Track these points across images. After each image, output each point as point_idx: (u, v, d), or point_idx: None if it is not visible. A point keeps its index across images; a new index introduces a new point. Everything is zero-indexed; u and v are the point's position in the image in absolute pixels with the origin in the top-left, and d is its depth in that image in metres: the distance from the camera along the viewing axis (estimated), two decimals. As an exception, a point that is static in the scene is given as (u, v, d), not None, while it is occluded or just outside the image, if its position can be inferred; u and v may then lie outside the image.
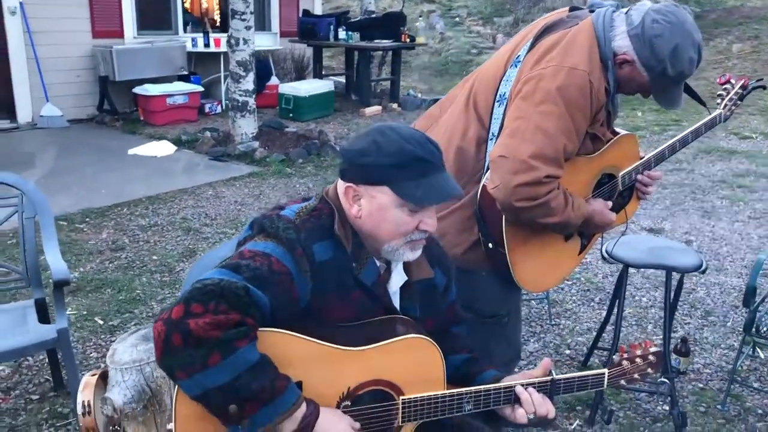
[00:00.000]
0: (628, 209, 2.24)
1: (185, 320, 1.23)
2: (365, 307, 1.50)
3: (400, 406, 1.46)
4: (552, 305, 3.77)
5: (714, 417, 2.82)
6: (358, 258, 1.49)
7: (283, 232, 1.42)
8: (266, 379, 1.27)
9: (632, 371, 1.65)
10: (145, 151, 6.88)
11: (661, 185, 6.13)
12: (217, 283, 1.29)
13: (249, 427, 1.27)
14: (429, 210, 1.50)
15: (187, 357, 1.23)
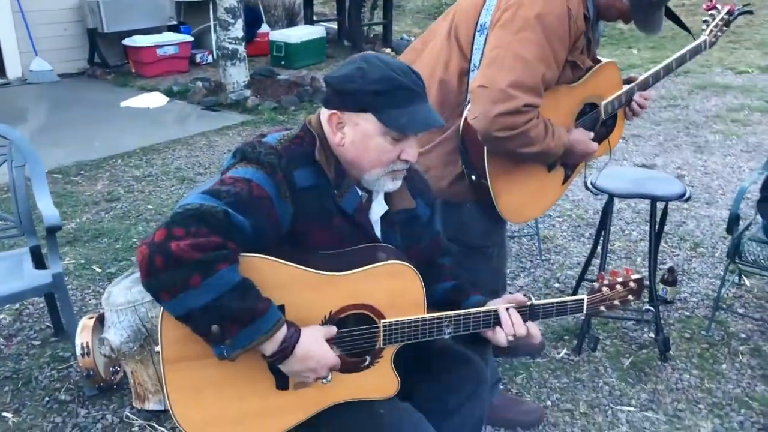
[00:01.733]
0: (611, 139, 2.25)
1: (167, 243, 1.27)
2: (346, 234, 1.54)
3: (381, 329, 1.51)
4: (543, 241, 3.82)
5: (698, 342, 2.90)
6: (339, 186, 1.52)
7: (264, 157, 1.44)
8: (247, 301, 1.31)
9: (612, 298, 1.69)
10: (138, 102, 6.84)
11: (654, 122, 6.13)
12: (197, 208, 1.32)
13: (231, 347, 1.32)
14: (411, 140, 1.52)
15: (169, 278, 1.27)
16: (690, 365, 2.75)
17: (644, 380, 2.66)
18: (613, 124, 2.25)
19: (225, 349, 1.32)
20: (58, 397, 2.60)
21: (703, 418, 2.46)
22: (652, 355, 2.81)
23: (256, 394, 1.46)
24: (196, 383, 1.42)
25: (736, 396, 2.57)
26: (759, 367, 2.73)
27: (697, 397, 2.57)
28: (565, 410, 2.50)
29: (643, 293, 1.72)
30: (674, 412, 2.49)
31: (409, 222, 1.70)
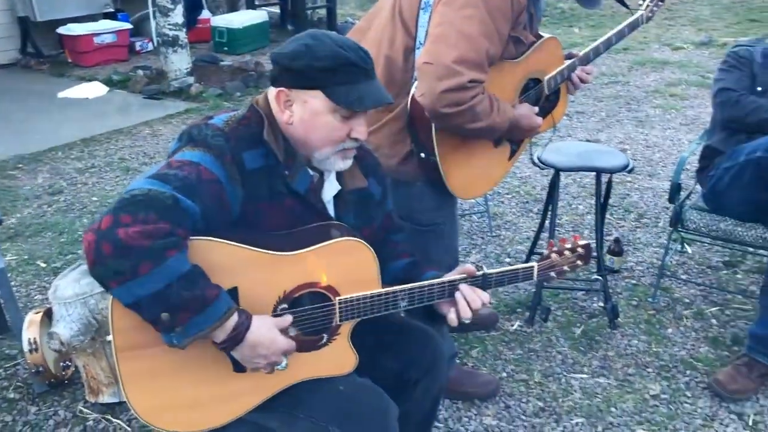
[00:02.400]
0: (555, 114, 2.29)
1: (114, 230, 1.24)
2: (298, 215, 1.53)
3: (337, 306, 1.51)
4: (492, 218, 3.87)
5: (645, 309, 2.99)
6: (290, 166, 1.50)
7: (211, 140, 1.42)
8: (197, 289, 1.29)
9: (561, 263, 1.73)
10: (76, 93, 6.63)
11: (597, 98, 6.26)
12: (145, 193, 1.29)
13: (181, 335, 1.30)
14: (360, 118, 1.51)
15: (117, 266, 1.24)
16: (638, 331, 2.84)
17: (595, 348, 2.74)
18: (557, 99, 2.29)
19: (175, 337, 1.30)
20: (7, 396, 2.53)
21: (652, 381, 2.54)
22: (602, 323, 2.89)
23: (214, 378, 1.45)
24: (150, 370, 1.40)
25: (681, 358, 2.67)
26: (702, 329, 2.84)
27: (646, 361, 2.66)
28: (520, 380, 2.56)
29: (590, 258, 1.77)
30: (624, 376, 2.57)
31: (363, 201, 1.71)
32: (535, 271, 1.69)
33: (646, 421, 2.35)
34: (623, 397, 2.46)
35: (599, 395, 2.48)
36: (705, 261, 3.38)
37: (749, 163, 2.45)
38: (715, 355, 2.67)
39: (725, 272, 3.28)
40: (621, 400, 2.45)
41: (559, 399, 2.46)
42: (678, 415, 2.37)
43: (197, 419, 1.47)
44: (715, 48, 7.83)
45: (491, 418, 2.37)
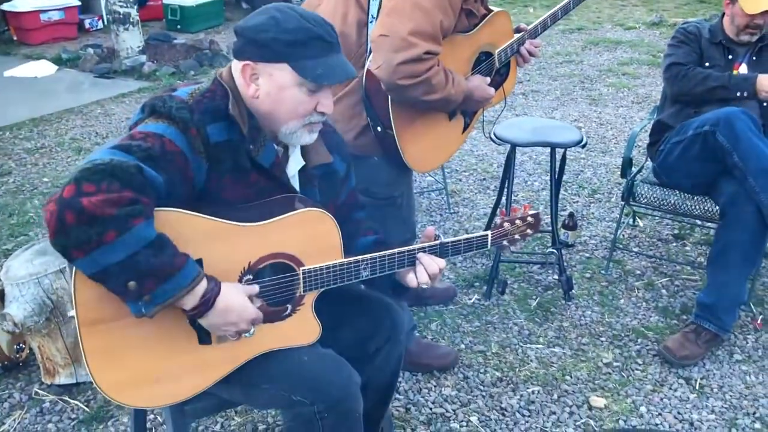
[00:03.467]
0: (505, 86, 2.33)
1: (78, 198, 1.21)
2: (263, 189, 1.53)
3: (301, 276, 1.52)
4: (450, 195, 3.91)
5: (598, 281, 3.07)
6: (254, 140, 1.50)
7: (176, 112, 1.40)
8: (164, 256, 1.28)
9: (513, 232, 1.77)
10: (23, 72, 6.44)
11: (552, 77, 6.34)
12: (108, 163, 1.27)
13: (149, 303, 1.29)
14: (326, 92, 1.52)
15: (81, 234, 1.22)
16: (591, 302, 2.91)
17: (550, 319, 2.81)
18: (507, 72, 2.32)
19: (143, 305, 1.29)
20: (-41, 380, 2.48)
21: (605, 350, 2.62)
22: (557, 295, 2.96)
23: (179, 351, 1.45)
24: (114, 345, 1.38)
25: (633, 327, 2.75)
26: (652, 299, 2.93)
27: (599, 330, 2.73)
28: (478, 352, 2.61)
29: (539, 226, 1.81)
30: (579, 346, 2.65)
31: (327, 177, 1.71)
32: (489, 239, 1.73)
33: (599, 388, 2.42)
34: (577, 366, 2.53)
35: (554, 364, 2.54)
36: (655, 234, 3.48)
37: (697, 137, 2.53)
38: (665, 324, 2.76)
39: (675, 245, 3.38)
40: (575, 368, 2.52)
41: (516, 369, 2.52)
42: (630, 381, 2.45)
43: (162, 393, 1.47)
44: (666, 28, 7.98)
45: (450, 389, 2.42)
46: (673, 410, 2.32)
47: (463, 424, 2.26)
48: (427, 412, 2.31)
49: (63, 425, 2.27)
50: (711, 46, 2.82)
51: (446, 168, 4.33)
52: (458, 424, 2.26)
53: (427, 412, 2.31)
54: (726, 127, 2.40)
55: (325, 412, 1.49)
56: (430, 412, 2.31)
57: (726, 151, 2.41)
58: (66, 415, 2.31)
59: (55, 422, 2.28)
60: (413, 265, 1.64)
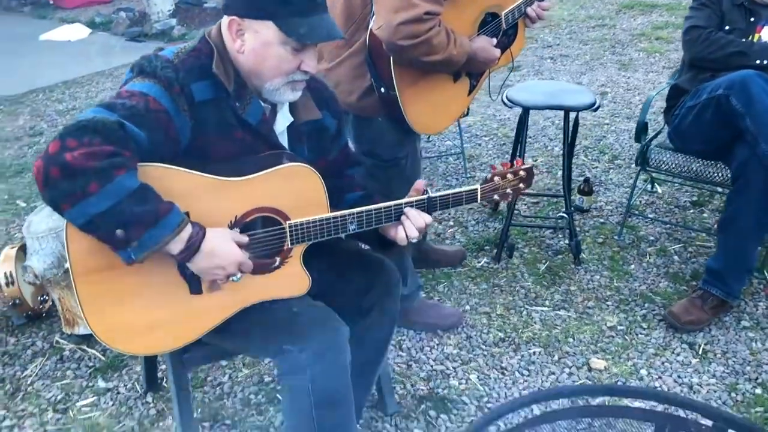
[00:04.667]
0: (513, 48, 2.32)
1: (61, 154, 1.28)
2: (250, 146, 1.57)
3: (288, 230, 1.56)
4: (468, 160, 3.91)
5: (610, 246, 3.07)
6: (240, 98, 1.54)
7: (161, 71, 1.45)
8: (148, 204, 1.34)
9: (504, 186, 1.78)
10: (58, 35, 6.58)
11: (582, 41, 6.22)
12: (90, 119, 1.33)
13: (137, 249, 1.34)
14: (310, 51, 1.54)
15: (66, 187, 1.28)
16: (601, 267, 2.91)
17: (558, 283, 2.82)
18: (515, 34, 2.31)
19: (132, 251, 1.35)
20: (-14, 328, 2.61)
21: (610, 313, 2.63)
22: (567, 260, 2.97)
23: (170, 301, 1.51)
24: (107, 293, 1.45)
25: (641, 292, 2.75)
26: (664, 265, 2.92)
27: (606, 295, 2.74)
28: (483, 313, 2.64)
29: (532, 181, 1.81)
30: (584, 309, 2.66)
31: (317, 134, 1.74)
32: (478, 193, 1.74)
33: (600, 351, 2.44)
34: (581, 329, 2.55)
35: (558, 327, 2.57)
36: (674, 201, 3.44)
37: (710, 101, 2.48)
38: (674, 290, 2.76)
39: (692, 211, 3.34)
40: (579, 331, 2.54)
41: (519, 330, 2.55)
42: (632, 345, 2.47)
43: (156, 341, 1.54)
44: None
45: (452, 348, 2.46)
46: (674, 374, 2.33)
47: (462, 381, 2.31)
48: (427, 369, 2.37)
49: (80, 372, 2.38)
50: (733, 8, 2.75)
51: (466, 132, 4.33)
52: (457, 381, 2.31)
53: (427, 369, 2.37)
54: (740, 90, 2.35)
55: (312, 360, 1.54)
56: (430, 369, 2.37)
57: (739, 114, 2.36)
58: (83, 363, 2.43)
59: (73, 369, 2.40)
60: (399, 220, 1.67)
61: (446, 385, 2.29)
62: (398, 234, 1.66)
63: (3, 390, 2.31)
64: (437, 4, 1.90)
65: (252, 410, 2.20)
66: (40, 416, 2.20)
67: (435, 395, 2.25)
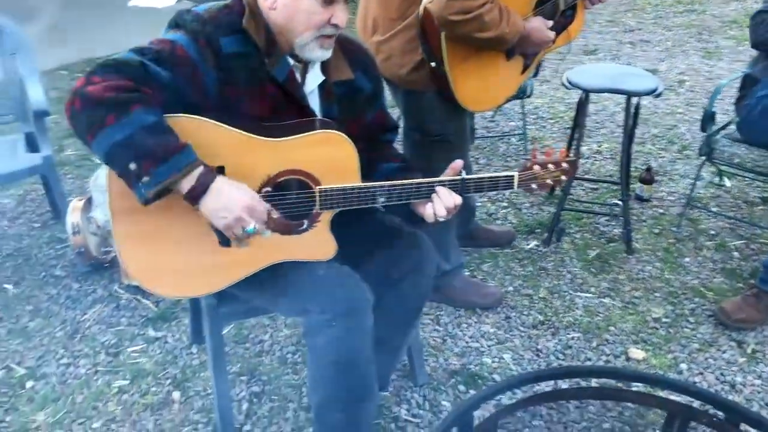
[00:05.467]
0: (571, 29, 2.27)
1: (85, 87, 1.38)
2: (278, 102, 1.61)
3: (317, 194, 1.61)
4: (531, 142, 3.87)
5: (666, 237, 2.98)
6: (270, 54, 1.58)
7: (189, 24, 1.52)
8: (161, 139, 1.40)
9: (544, 176, 1.76)
10: (146, 2, 6.85)
11: (666, 27, 5.99)
12: (116, 59, 1.43)
13: (148, 184, 1.40)
14: (340, 4, 1.56)
15: (87, 118, 1.37)
16: (654, 258, 2.84)
17: (607, 270, 2.77)
18: (573, 14, 2.26)
19: (143, 186, 1.40)
20: (54, 273, 2.80)
21: (657, 305, 2.57)
22: (619, 248, 2.91)
23: (200, 249, 1.58)
24: (141, 234, 1.54)
25: (693, 286, 2.67)
26: (721, 261, 2.82)
27: (655, 286, 2.68)
28: (525, 295, 2.63)
29: (575, 173, 1.79)
30: (630, 299, 2.61)
31: (349, 95, 1.76)
32: (515, 180, 1.73)
33: (641, 341, 2.40)
34: (624, 318, 2.51)
35: (601, 314, 2.53)
36: (742, 196, 3.31)
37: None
38: (729, 287, 2.66)
39: (761, 208, 3.20)
40: (622, 320, 2.50)
41: (560, 314, 2.53)
42: (676, 338, 2.41)
43: (185, 285, 1.62)
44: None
45: (490, 326, 2.47)
46: (717, 371, 2.27)
47: (496, 360, 2.32)
48: (462, 345, 2.39)
49: (134, 320, 2.53)
50: None
51: (532, 114, 4.28)
52: (490, 359, 2.32)
53: (462, 345, 2.39)
54: (810, 82, 2.24)
55: (333, 321, 1.59)
56: (465, 345, 2.39)
57: (807, 108, 2.25)
58: (137, 312, 2.57)
59: (127, 317, 2.55)
60: (430, 198, 1.68)
61: (479, 362, 2.30)
62: (426, 211, 1.67)
63: (63, 331, 2.48)
64: (489, -21, 1.89)
65: (288, 368, 2.28)
66: (94, 357, 2.35)
67: (466, 371, 2.27)
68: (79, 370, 2.29)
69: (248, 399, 2.17)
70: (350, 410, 1.73)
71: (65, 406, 2.15)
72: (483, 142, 3.92)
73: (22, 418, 2.10)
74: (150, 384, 2.24)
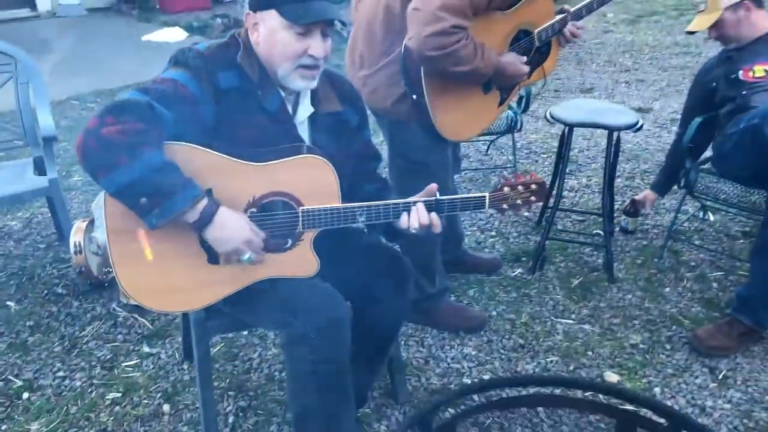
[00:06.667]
0: (545, 66, 2.40)
1: (99, 129, 1.50)
2: (270, 132, 1.74)
3: (300, 215, 1.73)
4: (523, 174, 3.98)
5: (648, 268, 3.07)
6: (263, 87, 1.72)
7: (191, 61, 1.65)
8: (170, 178, 1.53)
9: (514, 197, 1.88)
10: (158, 37, 7.09)
11: (662, 68, 6.15)
12: (126, 100, 1.55)
13: (159, 216, 1.54)
14: (316, 36, 1.69)
15: (101, 158, 1.50)
16: (635, 287, 2.93)
17: (588, 298, 2.86)
18: (548, 51, 2.39)
19: (153, 218, 1.54)
20: (56, 291, 2.92)
21: (635, 332, 2.65)
22: (601, 277, 3.00)
23: (190, 266, 1.70)
24: (136, 253, 1.66)
25: (671, 314, 2.75)
26: (700, 291, 2.90)
27: (635, 314, 2.76)
28: (507, 320, 2.72)
29: (544, 195, 1.90)
30: (609, 325, 2.69)
31: (338, 126, 1.89)
32: (486, 200, 1.85)
33: (617, 366, 2.47)
34: (602, 343, 2.59)
35: (580, 339, 2.61)
36: (725, 230, 3.40)
37: (747, 129, 2.49)
38: (706, 315, 2.74)
39: (741, 241, 3.29)
40: (600, 345, 2.58)
41: (540, 339, 2.61)
42: (651, 364, 2.48)
43: (176, 301, 1.74)
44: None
45: (472, 349, 2.56)
46: (688, 395, 2.34)
47: (476, 380, 2.40)
48: (444, 366, 2.47)
49: (129, 337, 2.63)
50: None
51: (525, 149, 4.41)
52: (470, 380, 2.40)
53: (444, 366, 2.47)
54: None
55: (312, 334, 1.69)
56: (447, 367, 2.47)
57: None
58: (133, 330, 2.68)
59: (123, 334, 2.65)
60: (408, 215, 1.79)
61: (459, 383, 2.39)
62: (402, 219, 1.78)
63: (62, 346, 2.58)
64: (464, 18, 2.03)
65: (275, 385, 2.37)
66: (89, 371, 2.45)
67: (446, 391, 2.35)
68: (75, 383, 2.39)
69: (234, 413, 2.26)
70: (329, 422, 1.82)
71: (59, 417, 2.24)
72: (476, 174, 4.05)
73: (17, 428, 2.20)
74: (142, 397, 2.33)
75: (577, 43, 6.98)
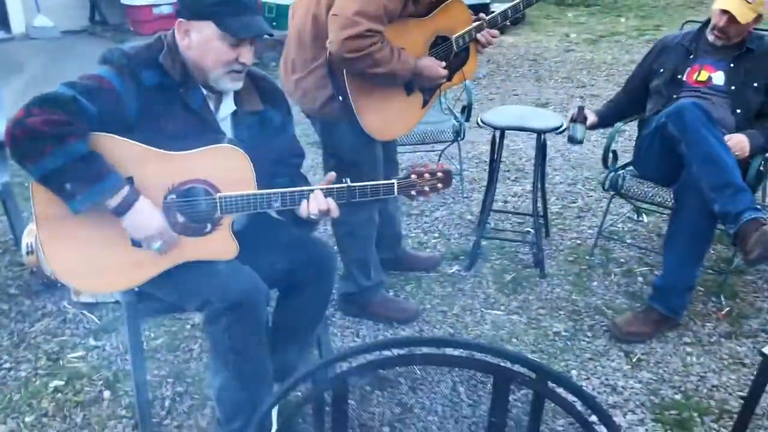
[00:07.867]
0: (465, 70, 2.58)
1: (26, 119, 1.64)
2: (192, 127, 1.89)
3: (218, 201, 1.87)
4: (470, 182, 4.16)
5: (579, 264, 3.23)
6: (185, 85, 1.87)
7: (116, 59, 1.81)
8: (94, 166, 1.68)
9: (421, 183, 2.03)
10: (130, 57, 7.23)
11: (618, 84, 6.37)
12: (52, 93, 1.70)
13: (81, 202, 1.68)
14: (245, 46, 1.86)
15: (28, 147, 1.64)
16: (564, 282, 3.09)
17: (519, 292, 3.01)
18: (467, 56, 2.57)
19: (76, 203, 1.68)
20: (9, 291, 3.03)
21: (560, 322, 2.81)
22: (533, 273, 3.15)
23: (116, 250, 1.83)
24: (63, 237, 1.79)
25: (596, 306, 2.91)
26: (626, 285, 3.07)
27: (561, 306, 2.91)
28: (440, 311, 2.87)
29: (450, 183, 2.05)
30: (536, 316, 2.84)
31: (261, 124, 2.05)
32: (395, 187, 2.00)
33: (539, 351, 2.62)
34: (527, 332, 2.74)
35: (506, 328, 2.76)
36: (656, 229, 3.57)
37: (657, 128, 2.67)
38: (628, 306, 2.90)
39: (671, 240, 3.46)
40: (525, 334, 2.73)
41: (469, 328, 2.76)
42: (571, 349, 2.63)
43: (103, 282, 1.88)
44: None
45: (403, 338, 2.69)
46: (602, 377, 2.49)
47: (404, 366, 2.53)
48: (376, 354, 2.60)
49: (77, 332, 2.75)
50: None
51: (476, 159, 4.58)
52: (398, 366, 2.53)
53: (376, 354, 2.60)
54: (676, 117, 2.53)
55: (228, 311, 1.82)
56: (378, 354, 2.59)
57: (676, 140, 2.54)
58: (82, 325, 2.79)
59: (72, 329, 2.77)
60: None
61: (387, 368, 2.51)
62: (301, 207, 1.92)
63: (11, 341, 2.69)
64: (379, 23, 2.20)
65: (211, 373, 2.50)
66: (35, 362, 2.56)
67: (376, 375, 2.48)
68: (20, 373, 2.50)
69: (171, 397, 2.38)
70: (248, 394, 1.95)
71: (1, 404, 2.35)
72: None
73: (-38, 413, 2.31)
74: (84, 384, 2.45)
75: (537, 61, 7.22)
